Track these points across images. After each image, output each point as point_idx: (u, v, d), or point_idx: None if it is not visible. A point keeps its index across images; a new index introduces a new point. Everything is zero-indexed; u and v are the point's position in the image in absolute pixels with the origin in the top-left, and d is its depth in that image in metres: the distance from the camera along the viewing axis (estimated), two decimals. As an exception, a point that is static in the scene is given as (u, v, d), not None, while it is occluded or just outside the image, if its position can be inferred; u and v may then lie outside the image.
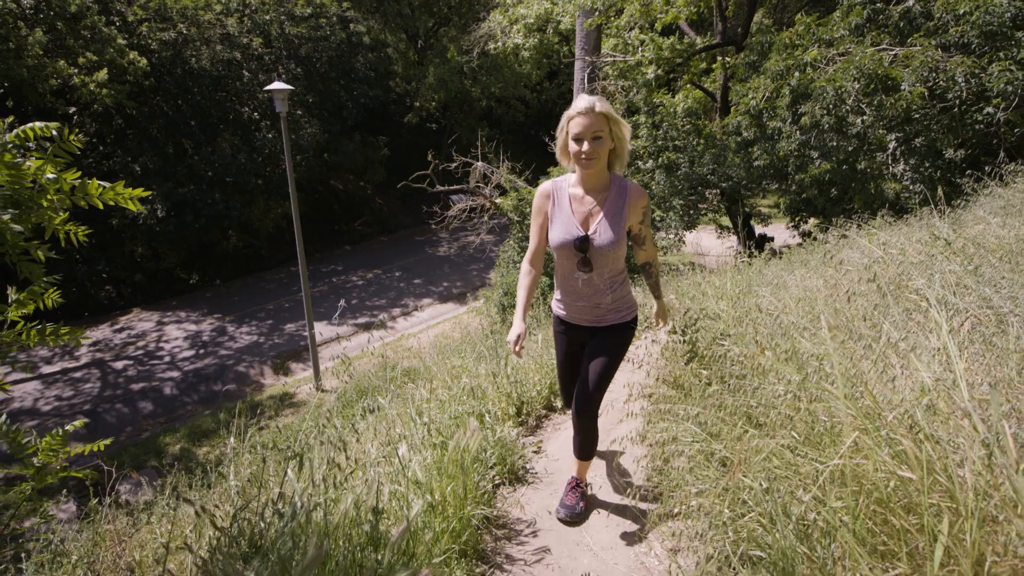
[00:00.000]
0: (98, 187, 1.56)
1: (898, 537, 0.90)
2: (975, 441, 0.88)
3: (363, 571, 1.18)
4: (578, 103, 1.97)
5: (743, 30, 11.61)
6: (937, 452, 0.90)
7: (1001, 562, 0.80)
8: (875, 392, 1.12)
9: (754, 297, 2.42)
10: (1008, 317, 1.90)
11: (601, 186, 2.07)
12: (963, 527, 0.83)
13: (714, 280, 3.94)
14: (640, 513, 2.15)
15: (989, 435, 0.95)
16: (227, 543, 1.28)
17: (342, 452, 1.65)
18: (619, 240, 2.02)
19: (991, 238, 2.63)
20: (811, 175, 6.88)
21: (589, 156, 1.96)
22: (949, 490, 0.86)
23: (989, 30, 5.46)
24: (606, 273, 2.10)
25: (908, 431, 0.93)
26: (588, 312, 2.18)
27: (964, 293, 2.08)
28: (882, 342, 1.42)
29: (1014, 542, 0.84)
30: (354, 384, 7.42)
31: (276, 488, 1.63)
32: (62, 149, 1.55)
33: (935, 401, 1.03)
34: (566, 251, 2.07)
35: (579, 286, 2.12)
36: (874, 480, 0.94)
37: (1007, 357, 1.40)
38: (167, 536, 1.96)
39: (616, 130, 2.00)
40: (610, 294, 2.14)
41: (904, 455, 0.91)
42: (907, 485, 0.92)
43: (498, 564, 1.79)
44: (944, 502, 0.87)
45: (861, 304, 1.97)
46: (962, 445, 0.92)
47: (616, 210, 2.04)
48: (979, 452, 0.90)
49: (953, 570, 0.82)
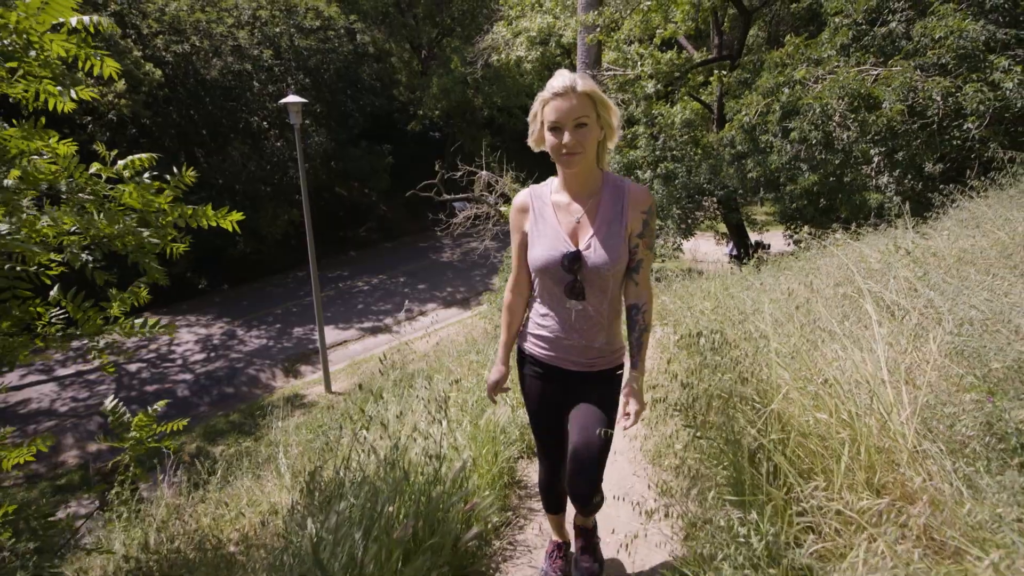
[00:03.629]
0: (205, 211, 1.95)
1: (815, 459, 1.28)
2: (874, 395, 1.25)
3: (430, 499, 1.57)
4: (554, 81, 1.52)
5: (738, 45, 12.06)
6: (846, 402, 1.27)
7: (885, 475, 1.16)
8: (809, 363, 1.50)
9: (733, 299, 2.79)
10: (945, 315, 2.27)
11: (591, 188, 1.63)
12: (859, 451, 1.20)
13: (703, 284, 4.33)
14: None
15: (884, 391, 1.33)
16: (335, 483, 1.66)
17: (400, 418, 2.01)
18: (620, 255, 1.59)
19: (944, 248, 3.01)
20: (801, 186, 7.28)
21: (571, 150, 1.51)
22: (850, 426, 1.24)
23: (963, 53, 5.87)
24: (604, 302, 1.64)
25: (823, 385, 1.30)
26: (579, 353, 1.70)
27: (914, 296, 2.45)
28: (828, 330, 1.80)
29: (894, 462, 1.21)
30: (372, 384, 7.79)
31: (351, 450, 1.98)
32: (180, 181, 1.94)
33: (855, 371, 1.41)
34: (552, 273, 1.62)
35: (571, 319, 1.66)
36: (800, 420, 1.31)
37: (930, 343, 1.77)
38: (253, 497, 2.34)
39: (605, 115, 1.55)
40: (606, 330, 1.69)
41: (822, 402, 1.27)
42: (821, 424, 1.29)
43: (522, 515, 2.20)
44: (848, 435, 1.24)
45: (822, 303, 2.35)
46: (866, 398, 1.29)
47: (613, 217, 1.60)
48: (873, 402, 1.27)
49: (853, 480, 1.19)
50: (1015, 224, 3.20)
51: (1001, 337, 1.69)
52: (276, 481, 2.92)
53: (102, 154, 2.20)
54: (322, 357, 11.35)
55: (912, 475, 1.14)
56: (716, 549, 1.28)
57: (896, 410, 1.26)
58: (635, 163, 10.47)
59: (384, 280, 18.32)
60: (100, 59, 2.00)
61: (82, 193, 2.11)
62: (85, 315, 2.15)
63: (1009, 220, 3.32)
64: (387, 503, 1.45)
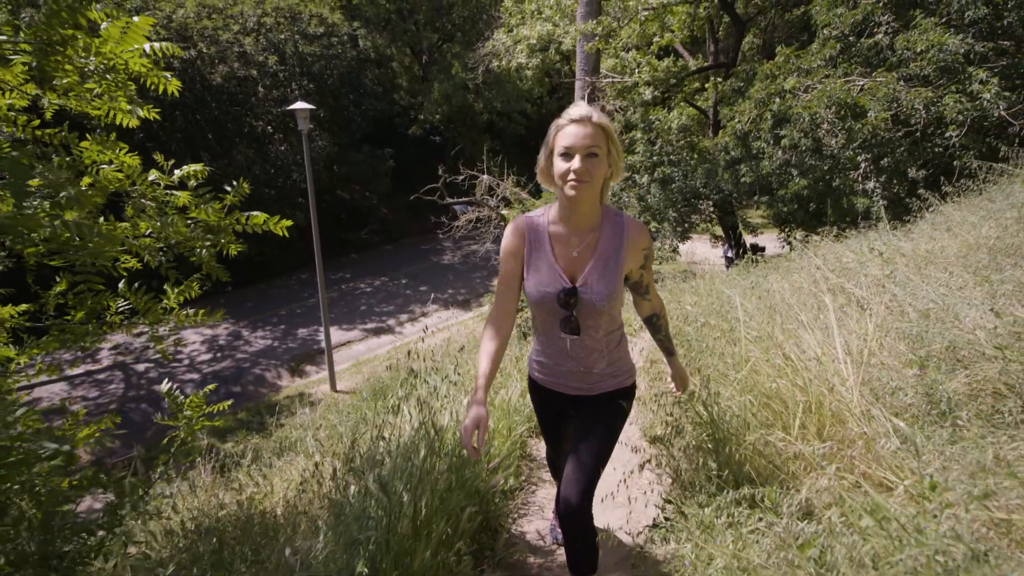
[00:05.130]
0: (257, 217, 2.26)
1: (776, 416, 1.56)
2: (822, 365, 1.53)
3: (464, 459, 1.86)
4: (572, 110, 1.56)
5: (733, 53, 12.40)
6: (802, 373, 1.56)
7: (834, 430, 1.45)
8: (774, 343, 1.79)
9: (719, 295, 3.09)
10: (908, 308, 2.57)
11: (592, 222, 1.63)
12: (811, 409, 1.48)
13: (694, 283, 4.64)
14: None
15: (836, 365, 1.62)
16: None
17: (434, 392, 2.29)
18: (614, 293, 1.61)
19: (912, 249, 3.32)
20: (791, 191, 7.61)
21: (580, 178, 1.51)
22: (805, 391, 1.52)
23: (943, 65, 6.20)
24: (600, 332, 1.66)
25: (785, 359, 1.58)
26: (577, 379, 1.72)
27: (881, 291, 2.74)
28: (795, 319, 2.09)
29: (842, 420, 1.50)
30: (374, 382, 8.08)
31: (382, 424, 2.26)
32: (239, 192, 2.23)
33: (813, 349, 1.70)
34: (548, 308, 1.64)
35: (567, 348, 1.68)
36: (765, 385, 1.60)
37: (885, 330, 2.07)
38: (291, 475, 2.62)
39: (614, 151, 1.59)
40: (606, 357, 1.70)
41: (783, 372, 1.56)
42: (782, 389, 1.58)
43: (532, 481, 2.50)
44: (802, 397, 1.52)
45: (795, 297, 2.65)
46: (818, 370, 1.59)
47: (611, 253, 1.62)
48: (826, 373, 1.56)
49: (806, 431, 1.47)
50: (979, 228, 3.50)
51: (943, 325, 1.98)
52: (305, 462, 3.20)
53: (161, 163, 2.50)
54: (328, 356, 11.62)
55: (854, 427, 1.42)
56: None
57: (843, 380, 1.55)
58: (633, 167, 10.79)
59: (386, 282, 18.60)
60: (168, 79, 2.29)
61: (143, 199, 2.41)
62: (146, 306, 2.44)
63: (975, 224, 3.63)
64: (424, 460, 1.74)
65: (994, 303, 2.18)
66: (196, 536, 2.03)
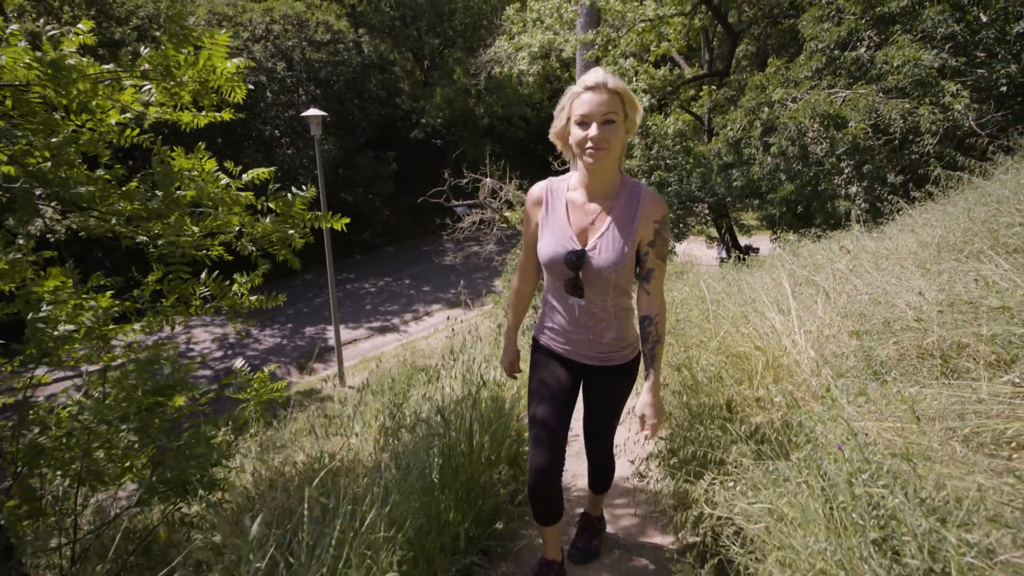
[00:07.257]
0: (324, 216, 2.72)
1: (743, 373, 2.03)
2: (781, 335, 2.00)
3: (491, 422, 2.33)
4: (587, 76, 1.54)
5: (726, 63, 12.91)
6: (763, 338, 2.02)
7: (785, 382, 1.92)
8: (742, 319, 2.26)
9: (705, 288, 3.56)
10: (863, 295, 3.05)
11: (609, 190, 1.65)
12: (770, 365, 1.95)
13: (685, 277, 5.14)
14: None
15: (791, 334, 2.09)
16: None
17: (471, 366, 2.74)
18: (623, 261, 1.61)
19: (875, 247, 3.80)
20: (780, 195, 8.10)
21: (597, 145, 1.52)
22: (765, 352, 1.99)
23: (918, 79, 6.69)
24: (609, 302, 1.69)
25: (753, 331, 2.05)
26: (590, 347, 1.76)
27: (844, 282, 3.22)
28: (762, 301, 2.57)
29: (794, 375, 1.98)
30: (385, 380, 8.54)
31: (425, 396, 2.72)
32: (305, 196, 2.71)
33: (778, 326, 2.17)
34: (555, 269, 1.69)
35: (575, 314, 1.72)
36: (736, 349, 2.06)
37: (843, 312, 2.54)
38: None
39: (632, 115, 1.58)
40: (615, 327, 1.73)
41: (749, 338, 2.02)
42: (751, 352, 2.05)
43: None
44: (764, 356, 1.99)
45: (763, 287, 3.13)
46: (774, 336, 2.06)
47: (625, 222, 1.62)
48: (781, 338, 2.03)
49: (765, 381, 1.94)
50: (935, 228, 3.98)
51: (883, 306, 2.46)
52: (342, 434, 3.65)
53: (230, 168, 2.96)
54: (337, 353, 12.06)
55: (803, 378, 1.89)
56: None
57: (795, 344, 2.02)
58: (630, 172, 11.27)
59: (390, 282, 19.06)
60: (240, 88, 2.75)
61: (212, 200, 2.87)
62: (223, 292, 2.90)
63: (933, 225, 4.11)
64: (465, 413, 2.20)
65: (927, 289, 2.65)
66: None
